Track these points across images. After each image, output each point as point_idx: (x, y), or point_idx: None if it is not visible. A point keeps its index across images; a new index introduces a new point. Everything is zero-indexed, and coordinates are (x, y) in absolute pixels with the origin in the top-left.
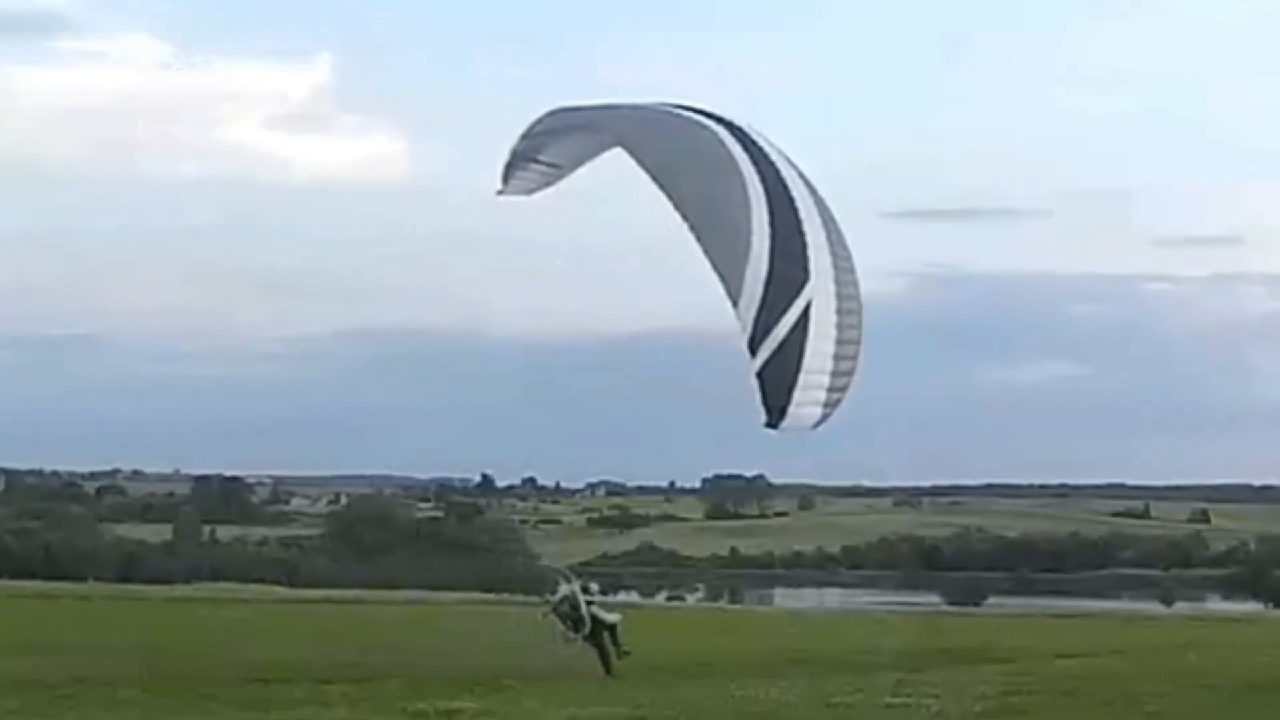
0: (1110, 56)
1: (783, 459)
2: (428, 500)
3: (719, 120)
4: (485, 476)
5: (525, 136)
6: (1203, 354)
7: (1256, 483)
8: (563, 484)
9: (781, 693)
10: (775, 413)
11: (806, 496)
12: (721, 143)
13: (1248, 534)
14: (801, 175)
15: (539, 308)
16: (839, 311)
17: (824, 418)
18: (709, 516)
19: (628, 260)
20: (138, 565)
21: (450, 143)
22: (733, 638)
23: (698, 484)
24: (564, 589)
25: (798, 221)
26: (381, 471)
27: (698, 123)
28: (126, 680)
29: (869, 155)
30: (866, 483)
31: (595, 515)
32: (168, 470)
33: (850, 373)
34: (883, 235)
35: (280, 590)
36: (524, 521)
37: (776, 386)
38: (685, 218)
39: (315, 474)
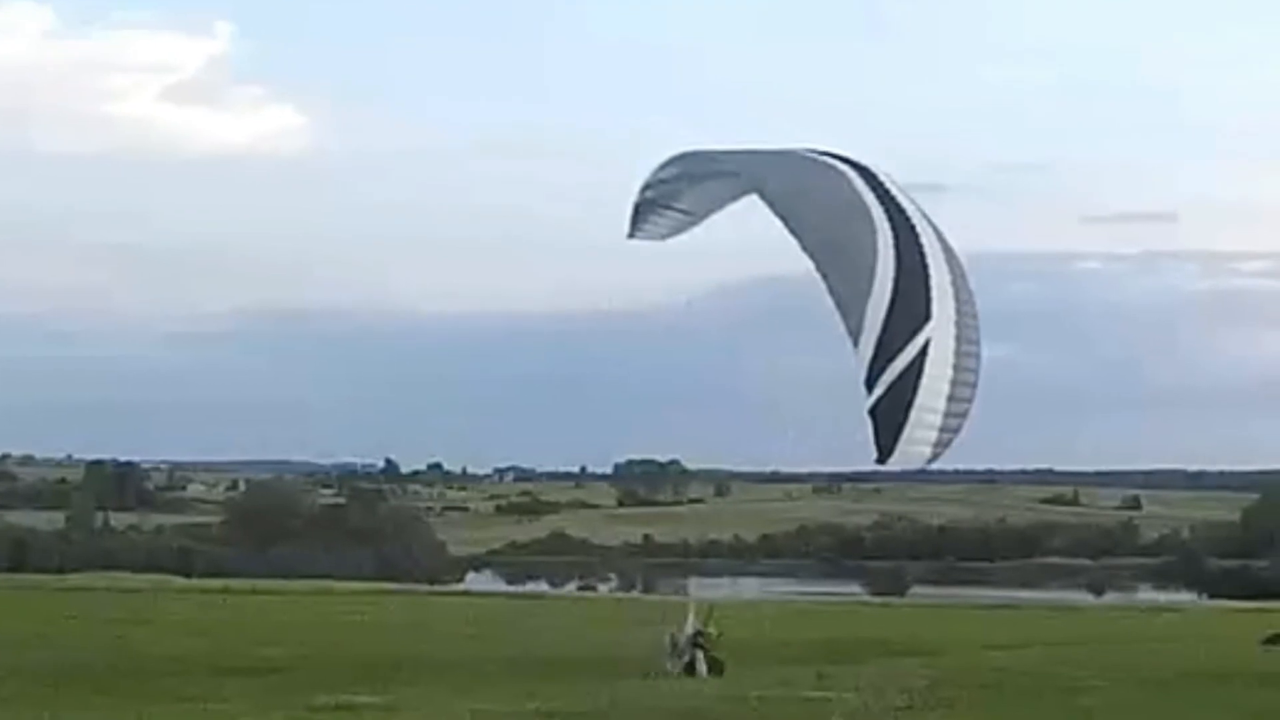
0: (1038, 27)
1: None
2: (330, 486)
3: (850, 163)
4: (389, 462)
5: (653, 184)
6: (1135, 335)
7: (1190, 468)
8: (470, 469)
9: (697, 686)
10: (885, 449)
11: (723, 482)
12: (852, 186)
13: (1180, 522)
14: (929, 220)
15: (446, 286)
16: (957, 353)
17: (934, 457)
18: (621, 503)
19: (539, 235)
20: (28, 553)
21: (353, 116)
22: (646, 628)
23: (610, 469)
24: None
25: (924, 264)
26: (282, 456)
27: (829, 165)
28: (15, 673)
29: (788, 129)
30: (785, 469)
31: (504, 502)
32: (59, 455)
33: (964, 414)
34: None
35: (177, 580)
36: (429, 509)
37: (888, 422)
38: (813, 259)
39: (213, 459)
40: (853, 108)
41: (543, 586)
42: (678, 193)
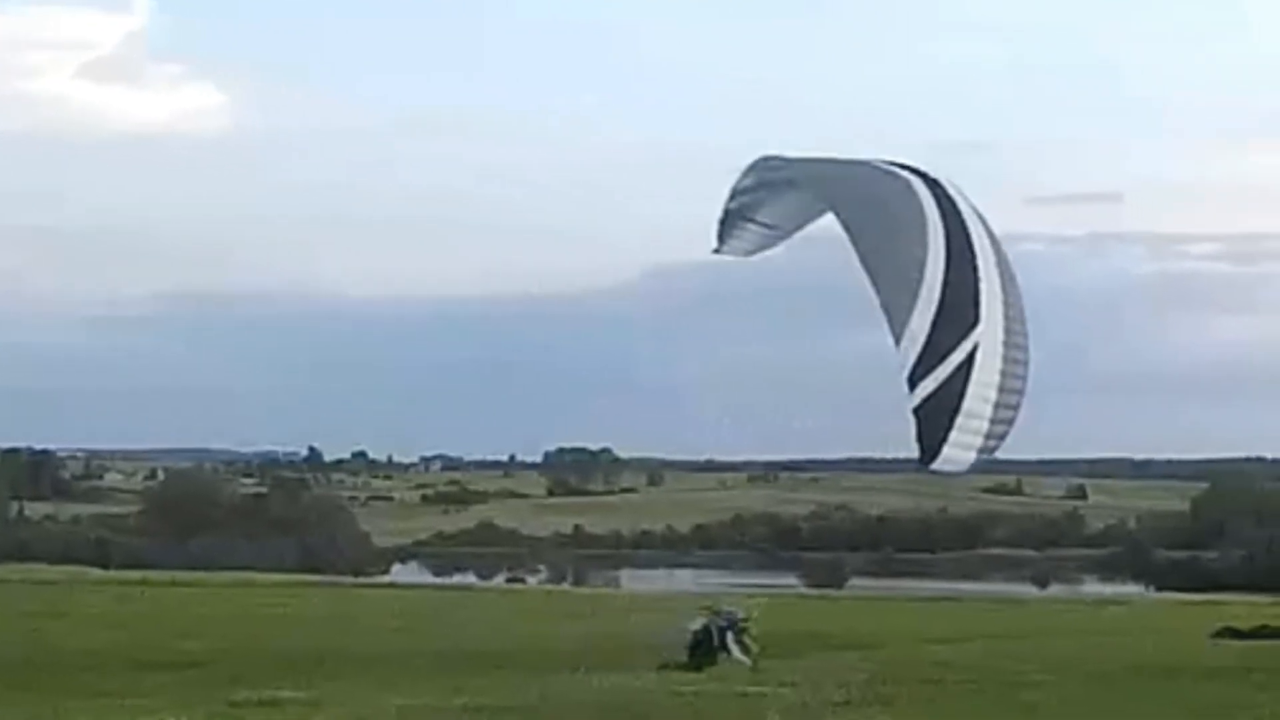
0: (982, 2)
1: (629, 431)
2: (251, 475)
3: (915, 172)
4: (312, 450)
5: (737, 193)
6: (1079, 318)
7: (1137, 457)
8: (395, 458)
9: (629, 680)
10: (929, 452)
11: (655, 471)
12: (911, 189)
13: (1127, 511)
14: (989, 230)
15: (371, 269)
16: (1005, 360)
17: (978, 463)
18: (551, 493)
19: (468, 217)
20: None
21: (275, 94)
22: (576, 622)
23: (539, 458)
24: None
25: (974, 270)
26: (202, 445)
27: (892, 173)
28: None
29: (721, 105)
30: (719, 457)
31: (430, 491)
32: None
33: (1010, 421)
34: None
35: (94, 571)
36: (353, 498)
37: (933, 426)
38: (862, 260)
39: (131, 447)
40: (790, 85)
41: (470, 578)
42: (759, 203)
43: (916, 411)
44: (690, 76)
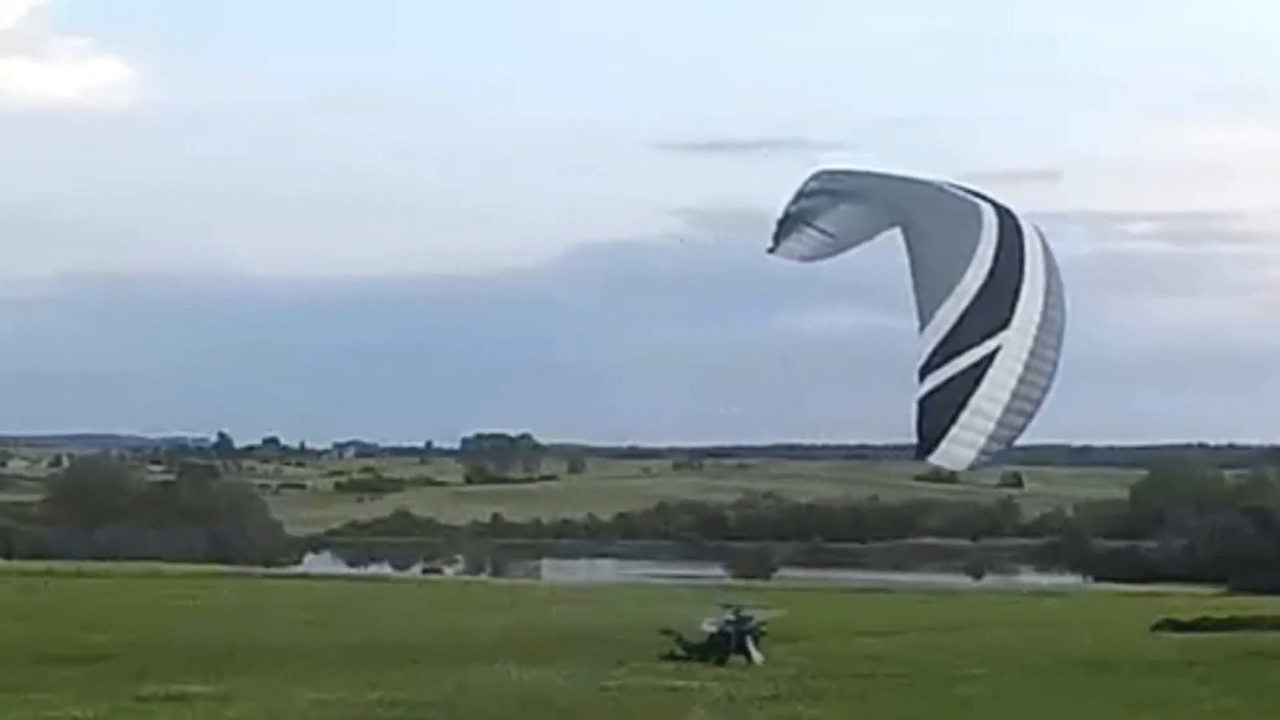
0: None
1: (550, 416)
2: (159, 463)
3: (986, 199)
4: (222, 436)
5: (800, 196)
6: None
7: (1074, 443)
8: (308, 444)
9: (550, 675)
10: (928, 443)
11: (577, 458)
12: (977, 208)
13: (1064, 500)
14: (1049, 259)
15: (283, 249)
16: (1027, 367)
17: (977, 463)
18: (469, 480)
19: (381, 196)
20: None
21: (183, 69)
22: (495, 614)
23: (457, 444)
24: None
25: (1018, 279)
26: (108, 431)
27: (961, 195)
28: None
29: (644, 80)
30: (643, 443)
31: (344, 479)
32: None
33: (1020, 428)
34: (659, 169)
35: None
36: (264, 486)
37: (937, 417)
38: (910, 256)
39: (35, 433)
40: (713, 59)
41: (385, 569)
42: (819, 210)
43: (922, 401)
44: (610, 50)
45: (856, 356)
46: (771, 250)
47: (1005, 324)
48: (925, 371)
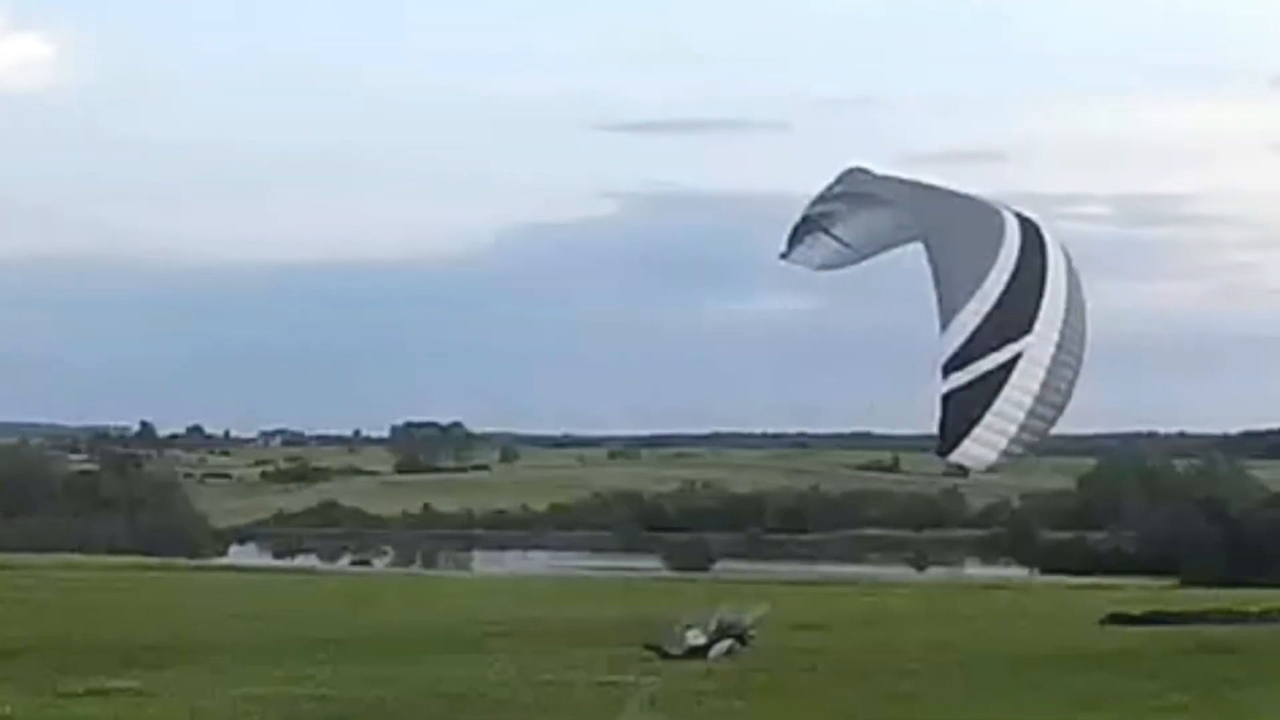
0: None
1: (482, 404)
2: (79, 451)
3: (1007, 209)
4: (145, 424)
5: (820, 200)
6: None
7: None
8: (233, 432)
9: (481, 670)
10: (949, 441)
11: (509, 447)
12: (999, 214)
13: (1010, 490)
14: (1071, 269)
15: (206, 232)
16: (1050, 373)
17: (998, 464)
18: (399, 469)
19: (306, 176)
20: None
21: (103, 47)
22: (425, 608)
23: (386, 432)
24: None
25: (1040, 287)
26: (26, 419)
27: (984, 203)
28: None
29: (578, 59)
30: (577, 431)
31: (270, 468)
32: None
33: (1042, 433)
34: (593, 150)
35: None
36: (189, 475)
37: (959, 417)
38: (931, 258)
39: None
40: (655, 37)
41: (313, 561)
42: (840, 216)
43: (945, 399)
44: (545, 27)
45: (796, 342)
46: (784, 255)
47: (1028, 329)
48: (947, 370)
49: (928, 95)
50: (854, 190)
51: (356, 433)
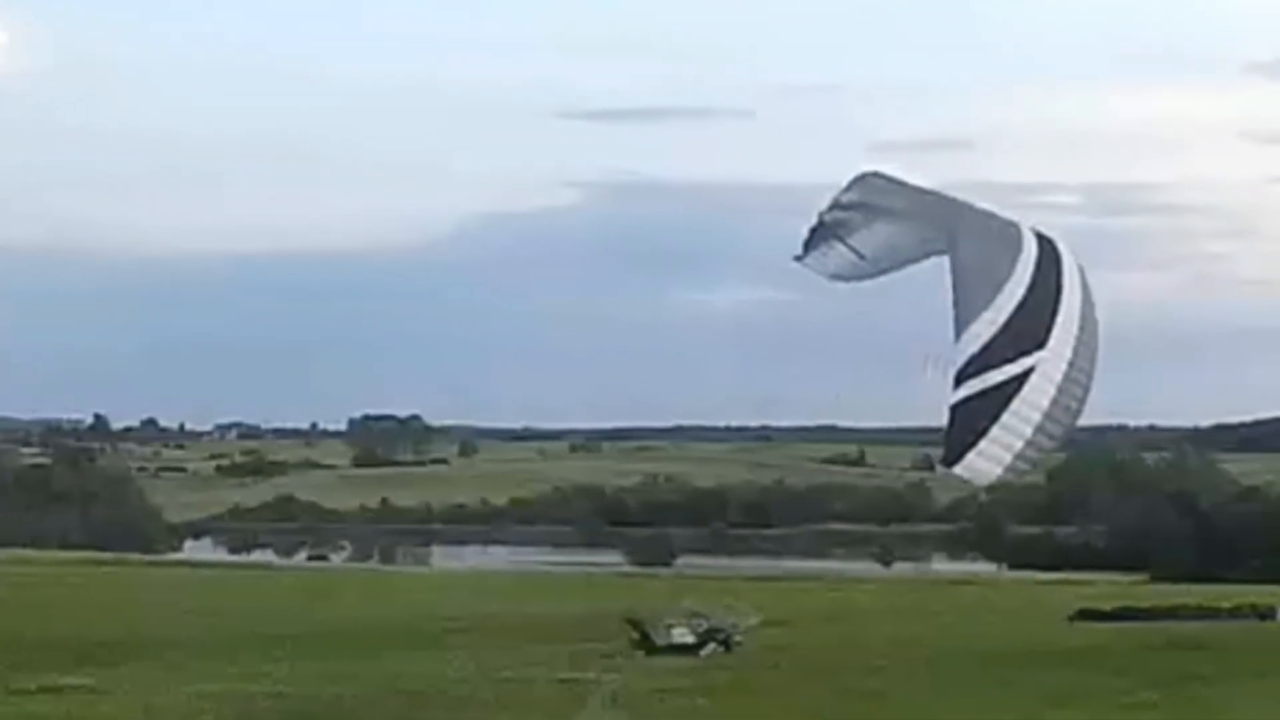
0: None
1: (440, 397)
2: (32, 445)
3: (1034, 231)
4: (98, 417)
5: (836, 205)
6: (925, 273)
7: None
8: (188, 425)
9: (441, 666)
10: (954, 454)
11: (468, 440)
12: (1018, 228)
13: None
14: (1086, 288)
15: (159, 223)
16: (1060, 390)
17: (1001, 480)
18: (357, 463)
19: (260, 165)
20: None
21: (58, 36)
22: (384, 603)
23: (344, 426)
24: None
25: (1056, 299)
26: None
27: (1003, 217)
28: None
29: (538, 46)
30: (538, 424)
31: (225, 462)
32: None
33: (1048, 450)
34: (554, 138)
35: None
36: (143, 469)
37: (966, 429)
38: (952, 268)
39: None
40: (606, 21)
41: (269, 556)
42: (855, 225)
43: (954, 409)
44: (505, 14)
45: (760, 333)
46: (799, 258)
47: (1041, 344)
48: (959, 379)
49: (894, 83)
50: (869, 199)
51: (313, 426)
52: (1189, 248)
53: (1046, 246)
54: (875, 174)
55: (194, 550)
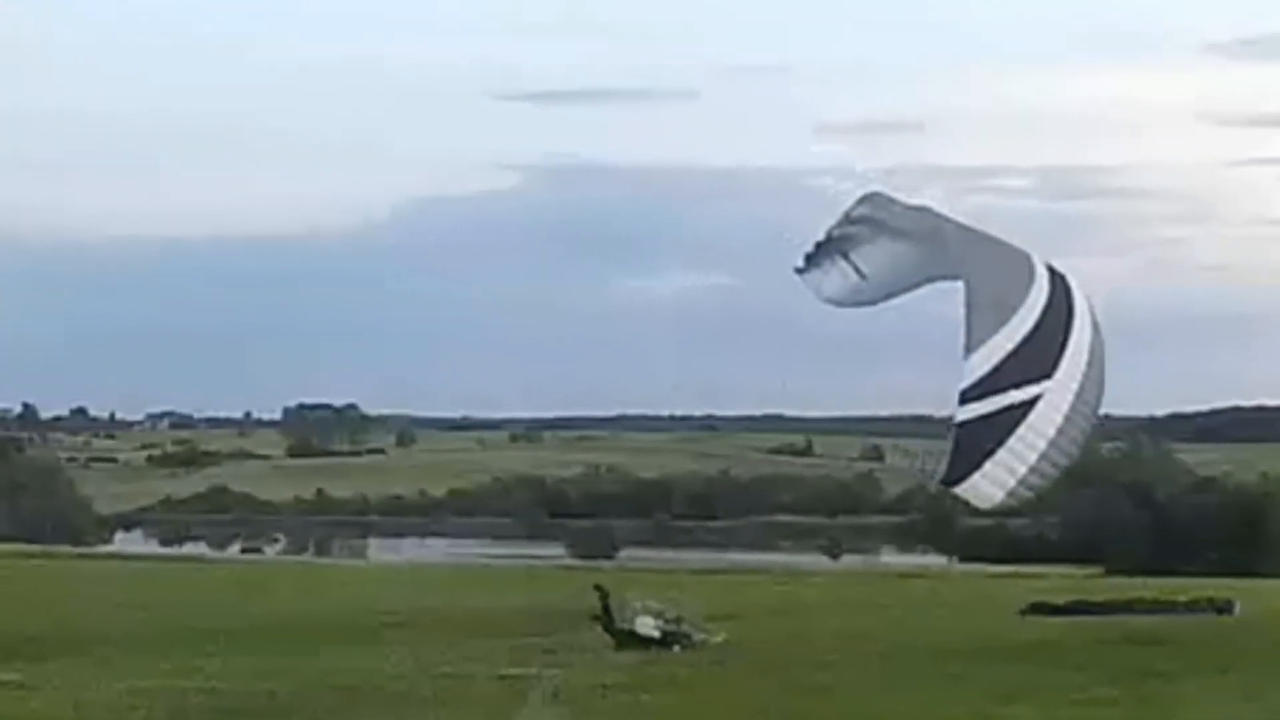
0: None
1: (377, 385)
2: None
3: (1045, 263)
4: (26, 406)
5: (843, 221)
6: None
7: (939, 414)
8: (119, 414)
9: (377, 661)
10: (957, 474)
11: (406, 430)
12: (1030, 259)
13: (928, 475)
14: (1095, 322)
15: (89, 206)
16: (1066, 420)
17: (1003, 504)
18: (291, 453)
19: (191, 147)
20: None
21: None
22: (319, 597)
23: (278, 415)
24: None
25: (1066, 332)
26: None
27: (1023, 252)
28: None
29: (477, 26)
30: (477, 413)
31: (157, 452)
32: None
33: (1050, 478)
34: (493, 121)
35: None
36: (72, 460)
37: (970, 453)
38: (966, 295)
39: None
40: (547, 0)
41: (202, 548)
42: (859, 240)
43: (959, 428)
44: None
45: (705, 320)
46: (800, 271)
47: (1050, 373)
48: (966, 397)
49: (843, 64)
50: (881, 218)
51: (247, 415)
52: (1144, 232)
53: (1058, 280)
54: (881, 193)
55: (125, 543)
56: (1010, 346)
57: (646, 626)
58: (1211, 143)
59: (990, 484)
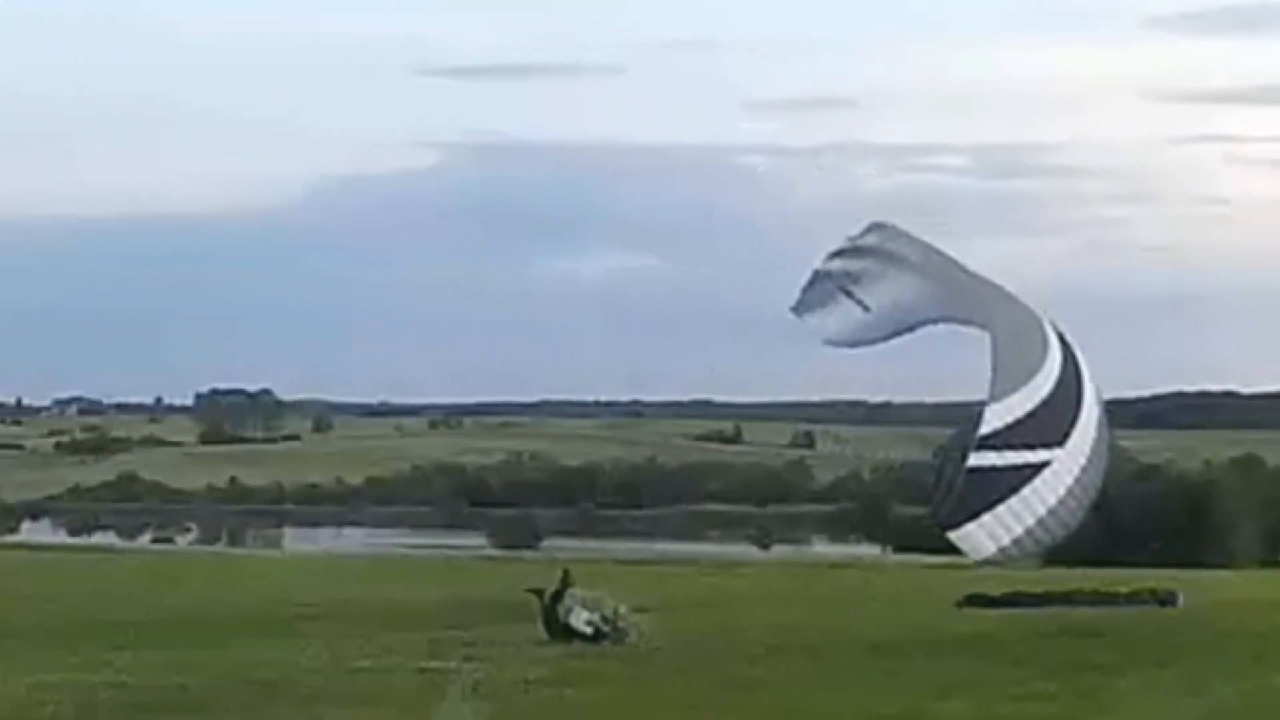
0: None
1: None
2: None
3: (1054, 327)
4: None
5: (842, 253)
6: (806, 241)
7: (873, 399)
8: (25, 400)
9: (293, 655)
10: (956, 518)
11: (322, 416)
12: (1038, 317)
13: (861, 462)
14: (1099, 394)
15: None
16: (1068, 492)
17: (993, 559)
18: (204, 440)
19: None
20: None
21: None
22: (233, 588)
23: (190, 400)
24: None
25: (1077, 403)
26: None
27: (1027, 306)
28: None
29: (396, 1)
30: (395, 399)
31: (65, 438)
32: None
33: (1045, 545)
34: (413, 97)
35: None
36: None
37: (972, 500)
38: (993, 348)
39: None
40: None
41: (111, 538)
42: (863, 274)
43: (971, 473)
44: None
45: (631, 303)
46: (795, 310)
47: (1060, 443)
48: (983, 443)
49: (772, 38)
50: (883, 246)
51: (158, 401)
52: (1084, 212)
53: (1068, 349)
54: (883, 223)
55: (31, 532)
56: (1030, 406)
57: (579, 622)
58: (1153, 120)
59: (985, 535)
